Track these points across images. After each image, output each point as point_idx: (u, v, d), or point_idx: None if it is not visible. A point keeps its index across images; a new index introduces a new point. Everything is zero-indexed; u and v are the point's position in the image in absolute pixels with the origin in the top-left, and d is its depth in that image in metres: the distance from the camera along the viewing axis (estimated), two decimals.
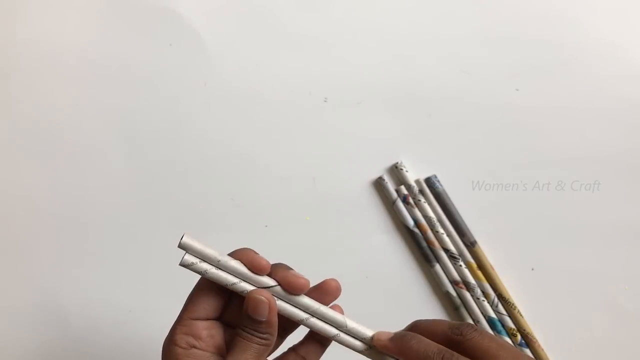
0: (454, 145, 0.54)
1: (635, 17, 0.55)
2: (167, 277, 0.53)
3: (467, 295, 0.52)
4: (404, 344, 0.32)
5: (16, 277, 0.54)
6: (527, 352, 0.51)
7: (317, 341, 0.36)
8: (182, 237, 0.32)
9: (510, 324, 0.51)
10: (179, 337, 0.33)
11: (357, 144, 0.54)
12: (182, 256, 0.33)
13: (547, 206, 0.53)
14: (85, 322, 0.53)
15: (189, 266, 0.33)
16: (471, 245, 0.52)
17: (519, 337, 0.51)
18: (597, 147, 0.53)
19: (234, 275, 0.33)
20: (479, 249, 0.52)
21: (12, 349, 0.53)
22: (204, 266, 0.33)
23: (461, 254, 0.52)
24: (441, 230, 0.53)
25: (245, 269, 0.33)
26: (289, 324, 0.35)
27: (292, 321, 0.34)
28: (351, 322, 0.34)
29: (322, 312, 0.34)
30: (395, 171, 0.54)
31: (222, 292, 0.34)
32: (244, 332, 0.32)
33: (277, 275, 0.33)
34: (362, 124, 0.55)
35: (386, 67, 0.55)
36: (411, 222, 0.53)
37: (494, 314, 0.51)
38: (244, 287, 0.33)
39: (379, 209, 0.54)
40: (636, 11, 0.55)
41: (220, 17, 0.56)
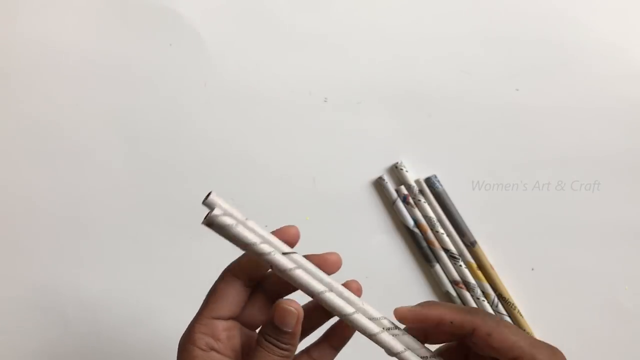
0: (454, 145, 0.54)
1: (635, 17, 0.55)
2: (167, 276, 0.53)
3: (467, 295, 0.52)
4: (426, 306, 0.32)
5: (16, 277, 0.54)
6: None
7: (331, 345, 0.34)
8: (209, 194, 0.30)
9: None
10: (199, 336, 0.31)
11: (357, 144, 0.54)
12: (209, 212, 0.30)
13: (547, 206, 0.53)
14: (85, 322, 0.53)
15: (217, 217, 0.29)
16: (471, 245, 0.52)
17: None
18: (597, 147, 0.53)
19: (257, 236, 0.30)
20: (478, 249, 0.52)
21: (12, 348, 0.53)
22: (231, 221, 0.30)
23: (461, 254, 0.52)
24: (441, 230, 0.53)
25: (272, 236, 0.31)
26: (303, 329, 0.34)
27: (305, 327, 0.32)
28: (367, 304, 0.32)
29: (338, 289, 0.31)
30: (395, 171, 0.54)
31: (244, 288, 0.32)
32: (265, 342, 0.30)
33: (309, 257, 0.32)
34: (362, 124, 0.55)
35: (386, 67, 0.55)
36: (411, 222, 0.53)
37: (494, 314, 0.51)
38: (267, 250, 0.30)
39: (379, 209, 0.54)
40: (636, 11, 0.55)
41: (220, 17, 0.56)
